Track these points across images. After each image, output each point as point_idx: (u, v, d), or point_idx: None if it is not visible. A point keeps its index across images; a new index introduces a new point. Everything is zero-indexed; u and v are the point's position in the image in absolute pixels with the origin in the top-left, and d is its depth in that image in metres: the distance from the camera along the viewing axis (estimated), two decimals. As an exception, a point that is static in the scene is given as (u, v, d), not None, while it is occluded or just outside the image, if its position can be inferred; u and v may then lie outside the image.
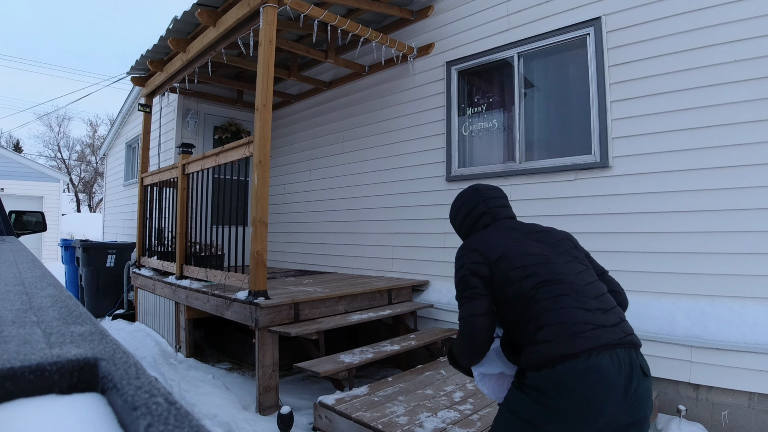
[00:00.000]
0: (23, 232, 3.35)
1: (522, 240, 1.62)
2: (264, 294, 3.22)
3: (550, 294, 1.42)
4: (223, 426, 2.82)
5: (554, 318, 1.37)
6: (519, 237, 1.64)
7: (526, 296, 1.45)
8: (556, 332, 1.34)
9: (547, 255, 1.55)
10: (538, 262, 1.51)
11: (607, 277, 1.66)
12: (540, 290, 1.44)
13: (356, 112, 5.34)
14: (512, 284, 1.48)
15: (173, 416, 0.39)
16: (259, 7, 3.37)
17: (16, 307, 0.74)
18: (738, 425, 2.67)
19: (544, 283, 1.45)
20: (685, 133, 2.99)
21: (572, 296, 1.41)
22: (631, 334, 1.39)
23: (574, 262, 1.55)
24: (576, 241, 1.71)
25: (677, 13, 3.04)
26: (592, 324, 1.35)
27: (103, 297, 6.25)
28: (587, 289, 1.46)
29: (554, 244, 1.62)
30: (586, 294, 1.43)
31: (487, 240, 1.64)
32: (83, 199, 33.07)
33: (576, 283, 1.46)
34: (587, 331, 1.33)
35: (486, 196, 1.82)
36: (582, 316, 1.36)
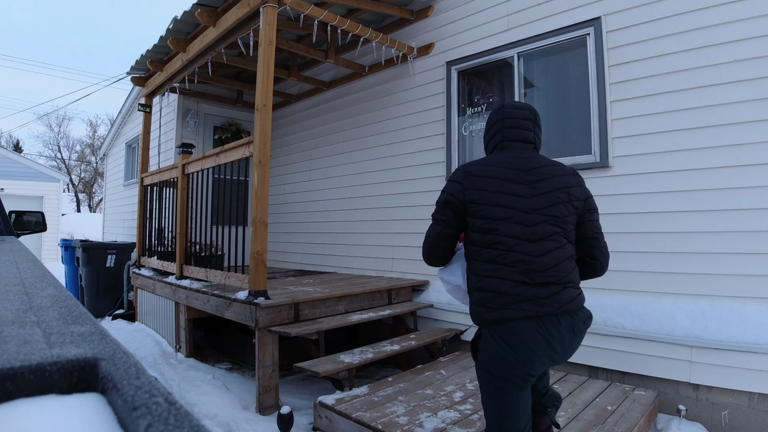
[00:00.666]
0: (23, 232, 3.35)
1: (508, 181, 1.67)
2: (264, 294, 3.22)
3: (497, 258, 1.60)
4: (223, 426, 2.82)
5: (491, 285, 1.59)
6: (508, 175, 1.68)
7: (479, 244, 1.64)
8: (489, 299, 1.58)
9: (518, 210, 1.62)
10: (505, 217, 1.62)
11: (593, 242, 1.73)
12: (491, 250, 1.62)
13: (356, 112, 5.34)
14: (475, 230, 1.66)
15: (173, 416, 0.39)
16: (259, 7, 3.37)
17: (16, 307, 0.74)
18: (738, 425, 2.67)
19: (498, 245, 1.60)
20: (685, 133, 2.99)
21: (516, 267, 1.57)
22: (569, 304, 1.57)
23: (543, 225, 1.62)
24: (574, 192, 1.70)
25: (677, 13, 3.04)
26: (525, 296, 1.54)
27: (103, 297, 6.25)
28: (537, 261, 1.57)
29: (538, 196, 1.65)
30: (533, 267, 1.57)
31: (475, 173, 1.71)
32: (83, 199, 33.07)
33: (527, 253, 1.58)
34: (517, 303, 1.54)
35: (506, 115, 1.82)
36: (516, 290, 1.55)
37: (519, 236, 1.59)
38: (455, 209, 1.70)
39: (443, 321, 4.11)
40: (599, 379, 3.15)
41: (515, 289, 1.55)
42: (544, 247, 1.59)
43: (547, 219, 1.62)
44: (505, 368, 1.57)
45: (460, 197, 1.69)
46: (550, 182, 1.68)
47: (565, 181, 1.70)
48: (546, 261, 1.58)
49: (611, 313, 3.15)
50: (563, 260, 1.60)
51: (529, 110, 1.83)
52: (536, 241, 1.59)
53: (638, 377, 3.03)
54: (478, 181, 1.68)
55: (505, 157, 1.74)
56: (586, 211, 1.74)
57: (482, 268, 1.62)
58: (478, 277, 1.64)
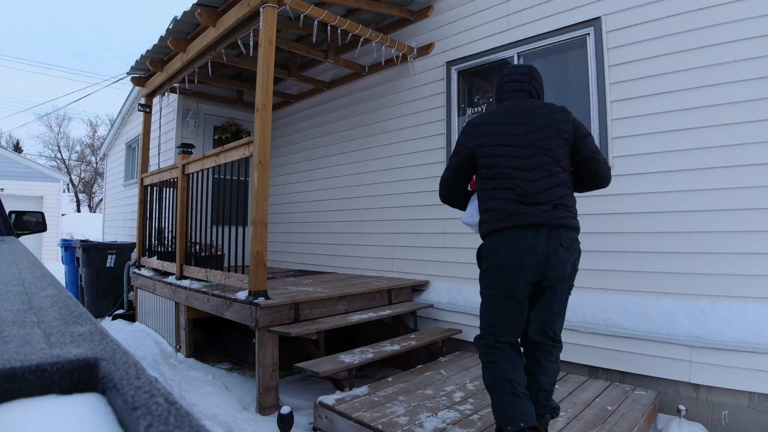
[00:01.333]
0: (23, 232, 3.35)
1: (507, 123, 2.02)
2: (264, 294, 3.22)
3: (498, 185, 1.96)
4: (223, 426, 2.82)
5: (493, 205, 1.96)
6: (505, 119, 2.03)
7: (485, 178, 2.02)
8: (492, 216, 1.95)
9: (517, 145, 1.97)
10: (501, 153, 1.98)
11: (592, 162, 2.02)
12: (494, 180, 1.98)
13: (356, 112, 5.34)
14: (481, 167, 2.04)
15: (173, 416, 0.39)
16: (259, 8, 3.37)
17: (16, 308, 0.74)
18: (738, 425, 2.67)
19: (498, 175, 1.96)
20: (685, 133, 2.99)
21: (514, 191, 1.91)
22: (558, 219, 1.88)
23: (537, 156, 1.94)
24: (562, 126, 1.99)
25: (677, 13, 3.04)
26: (520, 213, 1.88)
27: (103, 297, 6.25)
28: (531, 185, 1.90)
29: (534, 131, 1.98)
30: (528, 190, 1.90)
31: (478, 121, 2.10)
32: (83, 199, 33.07)
33: (522, 179, 1.91)
34: (514, 216, 1.88)
35: (505, 73, 2.19)
36: (512, 207, 1.90)
37: (516, 167, 1.94)
38: (463, 155, 2.09)
39: (443, 321, 4.11)
40: (599, 379, 3.15)
41: (512, 207, 1.90)
42: (537, 175, 1.92)
43: (540, 151, 1.95)
44: (501, 269, 1.89)
45: (467, 145, 2.07)
46: (541, 120, 1.99)
47: (552, 118, 2.00)
48: (539, 185, 1.90)
49: (611, 313, 3.15)
50: (555, 186, 1.92)
51: (526, 67, 2.17)
52: (530, 170, 1.93)
53: (638, 377, 3.03)
54: (481, 128, 2.06)
55: (502, 108, 2.09)
56: (578, 138, 2.01)
57: (488, 195, 2.00)
58: (485, 202, 2.01)
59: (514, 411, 1.80)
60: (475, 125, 2.08)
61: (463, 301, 3.96)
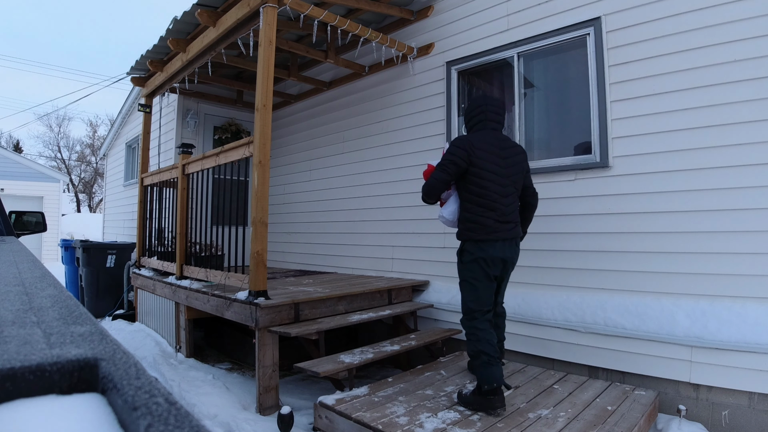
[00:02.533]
0: (23, 232, 3.35)
1: (494, 154, 2.66)
2: (264, 294, 3.22)
3: (486, 205, 2.63)
4: (223, 426, 2.82)
5: (481, 221, 2.63)
6: (495, 150, 2.67)
7: (477, 195, 2.64)
8: (479, 228, 2.64)
9: (500, 176, 2.64)
10: (492, 179, 2.63)
11: (530, 191, 2.89)
12: (482, 200, 2.63)
13: (356, 112, 5.34)
14: (473, 183, 2.64)
15: (173, 416, 0.39)
16: (259, 8, 3.37)
17: (16, 308, 0.74)
18: (738, 425, 2.67)
19: (487, 197, 2.63)
20: (685, 133, 2.99)
21: (496, 213, 2.63)
22: (516, 234, 2.73)
23: (509, 187, 2.68)
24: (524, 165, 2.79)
25: (677, 13, 3.04)
26: (500, 230, 2.64)
27: (103, 297, 6.25)
28: (507, 209, 2.66)
29: (509, 167, 2.69)
30: (504, 212, 2.65)
31: (476, 145, 2.64)
32: (83, 199, 33.07)
33: (502, 203, 2.64)
34: (496, 232, 2.63)
35: (489, 102, 2.78)
36: (494, 225, 2.63)
37: (498, 192, 2.64)
38: (459, 167, 2.61)
39: (443, 321, 4.11)
40: (599, 379, 3.15)
41: (494, 225, 2.63)
42: (509, 201, 2.68)
43: (511, 183, 2.69)
44: (478, 263, 2.65)
45: (466, 160, 2.61)
46: (515, 159, 2.73)
47: (520, 158, 2.78)
48: (510, 209, 2.68)
49: (611, 313, 3.15)
50: (516, 210, 2.74)
51: (502, 102, 2.89)
52: (506, 196, 2.66)
53: (638, 377, 3.03)
54: (479, 152, 2.62)
55: (490, 138, 2.69)
56: (527, 173, 2.84)
57: (475, 210, 2.65)
58: (472, 214, 2.66)
59: (489, 374, 2.51)
60: (474, 147, 2.62)
61: (463, 301, 3.96)
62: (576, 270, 3.43)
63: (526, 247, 3.70)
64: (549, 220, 3.59)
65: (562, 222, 3.52)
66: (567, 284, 3.47)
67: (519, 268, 3.75)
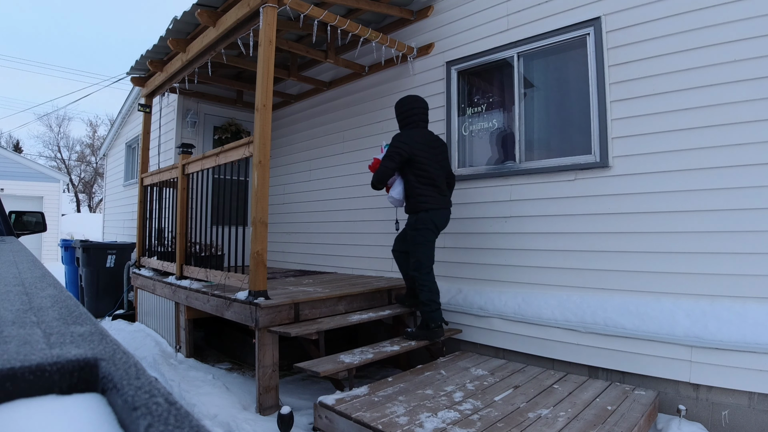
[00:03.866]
0: (23, 232, 3.35)
1: (427, 145, 3.47)
2: (264, 294, 3.22)
3: (428, 182, 3.41)
4: (223, 426, 2.82)
5: (426, 193, 3.40)
6: (427, 142, 3.48)
7: (421, 176, 3.40)
8: (426, 200, 3.39)
9: (433, 160, 3.46)
10: (429, 162, 3.42)
11: (450, 173, 3.70)
12: (427, 178, 3.41)
13: (356, 112, 5.34)
14: (415, 168, 3.41)
15: (173, 416, 0.39)
16: (259, 8, 3.37)
17: (16, 308, 0.74)
18: (738, 425, 2.67)
19: (427, 176, 3.41)
20: (685, 133, 2.99)
21: (434, 187, 3.43)
22: (449, 203, 3.56)
23: (440, 170, 3.52)
24: (445, 153, 3.64)
25: (677, 13, 3.04)
26: (439, 198, 3.44)
27: (103, 297, 6.25)
28: (441, 183, 3.50)
29: (437, 155, 3.52)
30: (440, 186, 3.47)
31: (414, 138, 3.43)
32: (83, 199, 33.08)
33: (438, 179, 3.46)
34: (438, 202, 3.42)
35: (416, 104, 3.57)
36: (437, 197, 3.43)
37: (435, 174, 3.44)
38: (402, 157, 3.36)
39: (443, 321, 4.10)
40: (599, 379, 3.15)
41: (437, 197, 3.44)
42: (441, 181, 3.50)
43: (440, 166, 3.52)
44: (430, 228, 3.41)
45: (408, 151, 3.37)
46: (440, 149, 3.58)
47: (443, 149, 3.63)
48: (444, 183, 3.54)
49: (611, 313, 3.15)
50: (446, 184, 3.59)
51: (425, 102, 3.65)
52: (439, 177, 3.48)
53: (638, 377, 3.03)
54: (416, 144, 3.41)
55: (421, 134, 3.51)
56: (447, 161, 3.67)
57: (422, 188, 3.40)
58: (420, 191, 3.40)
59: (437, 316, 3.47)
60: (413, 141, 3.41)
61: (463, 301, 3.97)
62: (576, 270, 3.43)
63: (526, 247, 3.71)
64: (549, 220, 3.59)
65: (562, 222, 3.52)
66: (567, 284, 3.47)
67: (519, 268, 3.76)
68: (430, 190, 3.39)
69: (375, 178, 3.41)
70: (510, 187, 3.87)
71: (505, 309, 3.69)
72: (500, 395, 2.77)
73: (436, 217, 3.40)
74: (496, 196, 3.95)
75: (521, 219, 3.77)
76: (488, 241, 3.96)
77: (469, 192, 4.14)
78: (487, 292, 3.88)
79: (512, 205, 3.84)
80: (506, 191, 3.89)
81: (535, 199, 3.70)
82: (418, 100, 3.56)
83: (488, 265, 3.95)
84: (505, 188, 3.91)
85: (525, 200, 3.76)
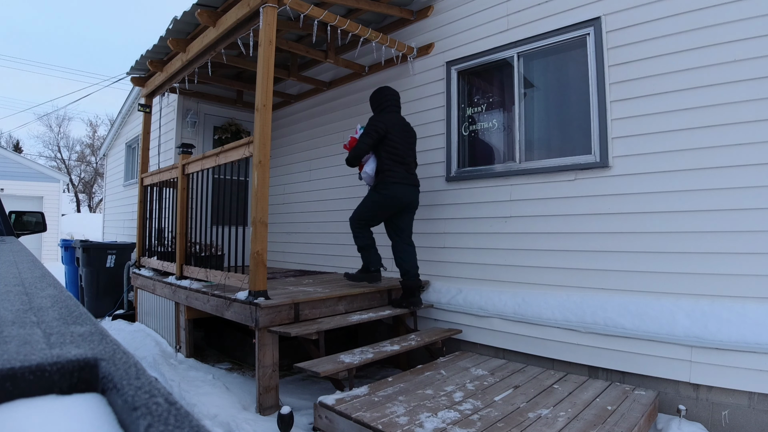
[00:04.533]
0: (23, 232, 3.35)
1: (399, 128, 3.82)
2: (264, 294, 3.22)
3: (398, 160, 3.75)
4: (223, 426, 2.82)
5: (396, 169, 3.73)
6: (399, 125, 3.84)
7: (392, 153, 3.74)
8: (393, 175, 3.71)
9: (404, 142, 3.82)
10: (400, 143, 3.79)
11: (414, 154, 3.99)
12: (395, 157, 3.75)
13: (356, 112, 5.34)
14: (387, 146, 3.74)
15: (173, 416, 0.39)
16: (258, 8, 3.37)
17: (16, 308, 0.74)
18: (738, 425, 2.67)
19: (398, 155, 3.76)
20: (685, 133, 2.99)
21: (403, 164, 3.77)
22: (416, 182, 3.89)
23: (410, 151, 3.89)
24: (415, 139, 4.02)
25: (677, 13, 3.04)
26: (406, 175, 3.79)
27: (103, 297, 6.25)
28: (410, 163, 3.87)
29: (407, 138, 3.89)
30: (409, 165, 3.86)
31: (388, 120, 3.78)
32: (83, 199, 33.08)
33: (407, 159, 3.82)
34: (405, 178, 3.76)
35: (389, 93, 3.96)
36: (404, 174, 3.77)
37: (405, 153, 3.81)
38: (379, 135, 3.70)
39: (443, 321, 4.11)
40: (599, 379, 3.15)
41: (404, 174, 3.78)
42: (410, 160, 3.88)
43: (409, 147, 3.90)
44: (389, 196, 3.73)
45: (383, 129, 3.71)
46: (410, 132, 3.95)
47: (413, 132, 3.99)
48: (412, 165, 3.91)
49: (611, 313, 3.15)
50: (414, 163, 3.96)
51: (396, 92, 4.03)
52: (408, 156, 3.84)
53: (638, 377, 3.03)
54: (390, 126, 3.74)
55: (395, 118, 3.87)
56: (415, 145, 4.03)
57: (391, 164, 3.74)
58: (387, 166, 3.73)
59: (376, 259, 3.95)
60: (387, 122, 3.74)
61: (463, 301, 3.97)
62: (576, 270, 3.43)
63: (526, 247, 3.71)
64: (549, 220, 3.59)
65: (562, 222, 3.52)
66: (567, 284, 3.47)
67: (519, 268, 3.76)
68: (399, 167, 3.75)
69: (352, 154, 3.72)
70: (510, 187, 3.87)
71: (505, 309, 3.69)
72: (500, 395, 2.77)
73: (400, 190, 3.73)
74: (496, 196, 3.95)
75: (521, 219, 3.77)
76: (488, 241, 3.96)
77: (469, 192, 4.14)
78: (486, 292, 3.88)
79: (512, 205, 3.84)
80: (506, 191, 3.89)
81: (535, 199, 3.70)
82: (391, 89, 3.96)
83: (488, 265, 3.95)
84: (505, 188, 3.91)
85: (525, 200, 3.76)
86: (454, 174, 4.26)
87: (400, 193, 3.72)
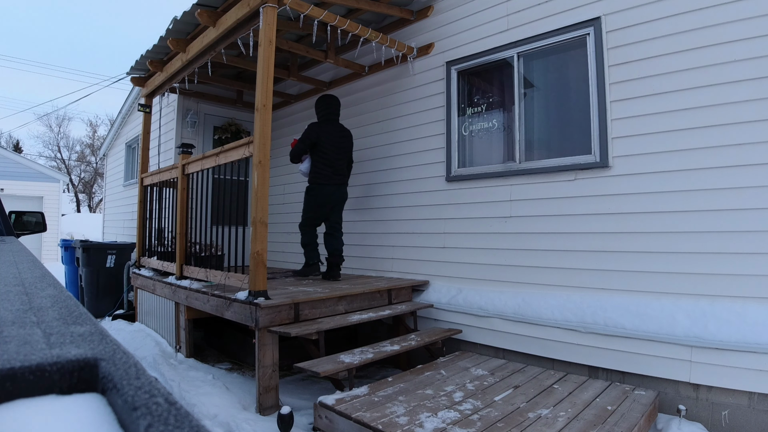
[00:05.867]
0: (23, 232, 3.35)
1: (333, 135, 4.41)
2: (264, 294, 3.22)
3: (327, 163, 4.38)
4: (223, 426, 2.82)
5: (325, 172, 4.38)
6: (336, 133, 4.45)
7: (322, 157, 4.37)
8: (323, 176, 4.39)
9: (335, 148, 4.41)
10: (331, 148, 4.38)
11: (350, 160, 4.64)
12: (326, 161, 4.37)
13: (356, 112, 5.34)
14: (320, 151, 4.37)
15: (173, 416, 0.39)
16: (258, 8, 3.37)
17: (16, 308, 0.74)
18: (738, 425, 2.67)
19: (327, 158, 4.37)
20: (685, 133, 2.99)
21: (331, 167, 4.40)
22: (343, 183, 4.55)
23: (342, 157, 4.48)
24: (350, 144, 4.58)
25: (677, 13, 3.04)
26: (333, 177, 4.42)
27: (103, 297, 6.25)
28: (340, 166, 4.47)
29: (341, 144, 4.46)
30: (337, 167, 4.45)
31: (324, 129, 4.38)
32: (83, 199, 33.08)
33: (337, 164, 4.43)
34: (331, 179, 4.41)
35: (330, 102, 4.54)
36: (330, 174, 4.40)
37: (334, 157, 4.38)
38: (312, 142, 4.32)
39: (443, 321, 4.11)
40: (599, 379, 3.15)
41: (331, 175, 4.38)
42: (340, 164, 4.44)
43: (342, 153, 4.47)
44: (318, 195, 4.38)
45: (316, 137, 4.31)
46: (345, 140, 4.51)
47: (349, 140, 4.56)
48: (340, 168, 4.46)
49: (611, 313, 3.15)
50: (344, 168, 4.53)
51: (338, 100, 4.61)
52: (338, 160, 4.42)
53: (638, 377, 3.03)
54: (322, 134, 4.34)
55: (331, 126, 4.46)
56: (351, 150, 4.60)
57: (321, 166, 4.35)
58: (319, 168, 4.35)
59: (316, 254, 4.53)
60: (321, 131, 4.34)
61: (463, 301, 3.97)
62: (576, 270, 3.43)
63: (526, 247, 3.71)
64: (549, 220, 3.59)
65: (562, 222, 3.52)
66: (567, 284, 3.47)
67: (519, 268, 3.76)
68: (327, 169, 4.35)
69: (291, 153, 4.43)
70: (510, 187, 3.87)
71: (505, 309, 3.69)
72: (500, 395, 2.77)
73: (324, 189, 4.37)
74: (496, 196, 3.95)
75: (521, 219, 3.77)
76: (488, 241, 3.96)
77: (469, 192, 4.14)
78: (486, 292, 3.88)
79: (512, 205, 3.84)
80: (506, 191, 3.89)
81: (535, 199, 3.70)
82: (333, 99, 4.57)
83: (488, 265, 3.95)
84: (505, 188, 3.91)
85: (525, 200, 3.76)
86: (454, 174, 4.26)
87: (327, 191, 4.38)
